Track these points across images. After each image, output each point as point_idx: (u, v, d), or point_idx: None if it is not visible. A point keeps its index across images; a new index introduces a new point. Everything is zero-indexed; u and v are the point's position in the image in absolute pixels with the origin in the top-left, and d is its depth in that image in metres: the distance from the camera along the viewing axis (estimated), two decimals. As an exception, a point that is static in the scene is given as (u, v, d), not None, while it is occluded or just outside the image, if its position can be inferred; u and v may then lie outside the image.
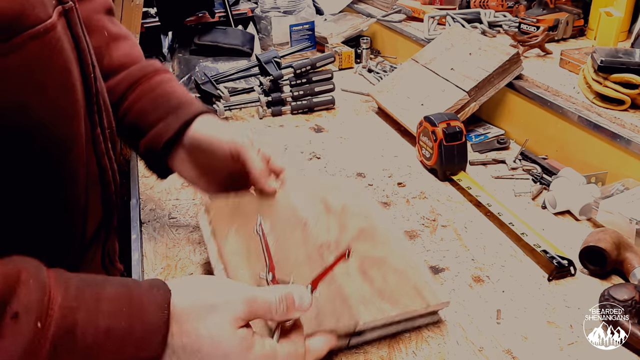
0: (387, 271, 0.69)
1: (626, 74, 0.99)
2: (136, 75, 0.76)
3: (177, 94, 0.76)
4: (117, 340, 0.42)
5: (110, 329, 0.42)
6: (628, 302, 0.66)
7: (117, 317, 0.43)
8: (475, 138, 1.22)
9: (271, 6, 1.91)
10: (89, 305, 0.42)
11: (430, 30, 1.55)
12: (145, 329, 0.44)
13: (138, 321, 0.44)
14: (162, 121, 0.73)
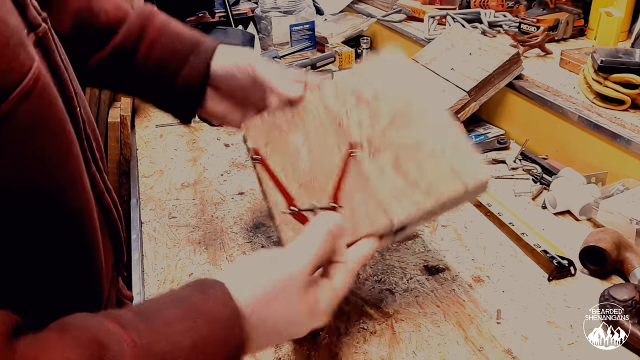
0: (422, 157, 0.63)
1: (626, 74, 0.99)
2: (138, 24, 0.73)
3: (185, 33, 0.75)
4: (205, 350, 0.42)
5: (195, 343, 0.42)
6: (628, 302, 0.67)
7: (194, 331, 0.42)
8: (475, 138, 1.22)
9: (271, 6, 1.91)
10: (163, 334, 0.41)
11: (430, 30, 1.55)
12: (223, 326, 0.43)
13: (214, 324, 0.43)
14: (186, 63, 0.72)
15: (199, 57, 0.72)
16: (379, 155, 0.64)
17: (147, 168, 1.12)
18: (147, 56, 0.72)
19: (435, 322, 0.70)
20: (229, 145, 1.21)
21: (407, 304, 0.73)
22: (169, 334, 0.41)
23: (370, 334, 0.69)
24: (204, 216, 0.94)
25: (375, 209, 0.60)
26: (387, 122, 0.67)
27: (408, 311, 0.72)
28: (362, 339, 0.68)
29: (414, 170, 0.62)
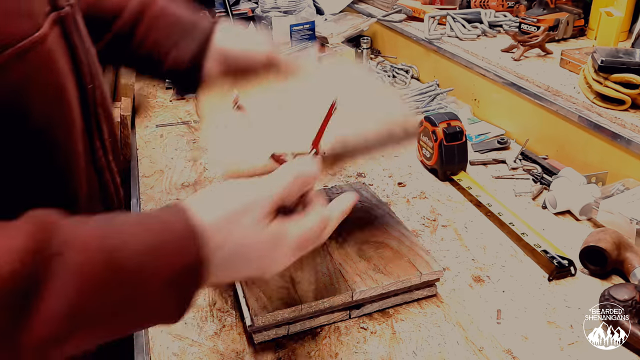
0: (383, 250, 0.76)
1: (626, 74, 0.99)
2: (138, 9, 0.75)
3: (185, 15, 0.76)
4: (157, 254, 0.42)
5: (147, 245, 0.42)
6: (628, 302, 0.67)
7: (147, 234, 0.42)
8: (475, 138, 1.22)
9: (271, 6, 1.91)
10: (118, 231, 0.42)
11: (430, 30, 1.55)
12: (176, 236, 0.43)
13: (167, 232, 0.43)
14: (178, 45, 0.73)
15: (190, 40, 0.74)
16: None
17: (147, 168, 1.12)
18: (142, 40, 0.74)
19: (435, 322, 0.70)
20: (229, 145, 1.21)
21: (407, 304, 0.73)
22: (124, 233, 0.42)
23: (371, 334, 0.69)
24: (204, 216, 0.94)
25: (339, 281, 0.70)
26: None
27: (408, 311, 0.72)
28: (362, 339, 0.68)
29: (375, 258, 0.74)
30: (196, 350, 0.67)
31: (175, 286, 0.43)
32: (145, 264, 0.41)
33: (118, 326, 0.43)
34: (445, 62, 1.48)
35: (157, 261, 0.42)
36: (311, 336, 0.68)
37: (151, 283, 0.42)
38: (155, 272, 0.42)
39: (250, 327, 0.66)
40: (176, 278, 0.43)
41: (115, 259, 0.40)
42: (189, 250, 0.43)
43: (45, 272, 0.38)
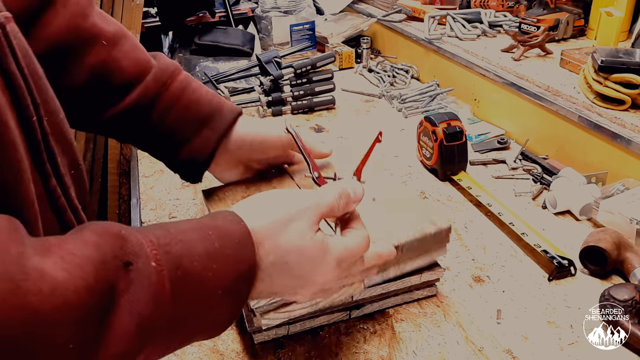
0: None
1: (626, 74, 0.99)
2: (157, 85, 0.71)
3: (203, 100, 0.73)
4: (218, 261, 0.42)
5: (209, 252, 0.42)
6: (628, 302, 0.67)
7: (207, 241, 0.42)
8: (475, 138, 1.22)
9: (271, 6, 1.91)
10: (179, 239, 0.42)
11: (430, 30, 1.55)
12: (235, 242, 0.44)
13: (225, 238, 0.44)
14: (197, 135, 0.71)
15: (214, 128, 0.72)
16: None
17: (147, 168, 1.12)
18: (161, 120, 0.71)
19: (435, 322, 0.70)
20: (229, 145, 1.21)
21: (407, 304, 0.73)
22: (185, 240, 0.42)
23: (370, 334, 0.69)
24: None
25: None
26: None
27: (408, 311, 0.72)
28: (362, 339, 0.68)
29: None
30: (196, 350, 0.67)
31: (232, 293, 0.43)
32: (208, 271, 0.41)
33: (177, 339, 0.42)
34: (445, 62, 1.48)
35: (218, 267, 0.42)
36: (311, 336, 0.68)
37: (213, 290, 0.42)
38: (216, 279, 0.42)
39: (250, 327, 0.66)
40: (234, 284, 0.43)
41: (182, 267, 0.40)
42: (247, 255, 0.44)
43: (118, 284, 0.36)
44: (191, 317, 0.41)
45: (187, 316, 0.41)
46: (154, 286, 0.38)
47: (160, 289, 0.38)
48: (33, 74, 0.47)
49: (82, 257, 0.35)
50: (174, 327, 0.40)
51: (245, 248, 0.44)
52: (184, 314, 0.40)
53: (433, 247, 0.70)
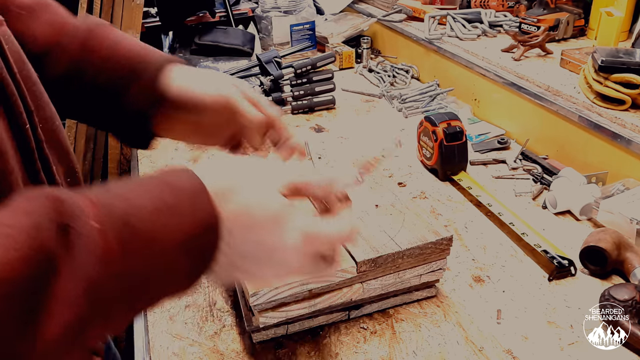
0: None
1: (627, 73, 0.99)
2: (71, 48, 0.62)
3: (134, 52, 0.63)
4: (170, 217, 0.39)
5: (159, 209, 0.39)
6: (628, 302, 0.66)
7: (157, 197, 0.39)
8: (475, 138, 1.22)
9: (272, 6, 1.91)
10: (124, 197, 0.39)
11: (431, 30, 1.55)
12: (188, 197, 0.40)
13: (178, 191, 0.40)
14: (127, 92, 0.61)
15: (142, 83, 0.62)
16: None
17: (147, 168, 1.12)
18: (81, 84, 0.62)
19: (435, 322, 0.70)
20: (230, 145, 1.21)
21: (407, 304, 0.73)
22: (130, 198, 0.39)
23: (371, 334, 0.69)
24: (204, 216, 0.94)
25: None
26: None
27: (408, 311, 0.72)
28: (362, 339, 0.68)
29: None
30: (196, 350, 0.67)
31: (190, 250, 0.40)
32: (160, 227, 0.38)
33: (138, 301, 0.39)
34: (445, 62, 1.48)
35: (170, 224, 0.39)
36: (311, 336, 0.68)
37: (168, 247, 0.38)
38: (170, 236, 0.38)
39: (249, 327, 0.66)
40: (191, 241, 0.39)
41: (129, 225, 0.37)
42: (203, 210, 0.40)
43: (57, 250, 0.33)
44: (148, 277, 0.38)
45: (142, 276, 0.38)
46: (100, 248, 0.35)
47: (107, 250, 0.35)
48: (26, 79, 0.46)
49: (13, 226, 0.33)
50: (131, 288, 0.37)
51: (201, 203, 0.40)
52: (139, 274, 0.38)
53: (434, 255, 0.70)
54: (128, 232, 0.37)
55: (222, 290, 0.77)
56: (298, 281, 0.62)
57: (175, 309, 0.74)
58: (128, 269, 0.37)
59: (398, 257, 0.67)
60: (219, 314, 0.73)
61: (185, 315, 0.73)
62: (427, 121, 1.06)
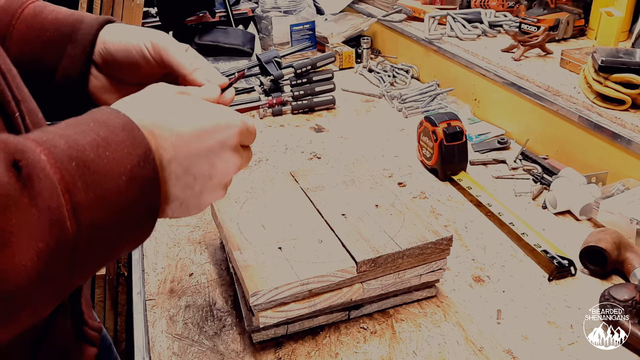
0: None
1: (627, 74, 0.99)
2: (2, 21, 0.60)
3: (61, 18, 0.61)
4: (110, 147, 0.39)
5: (96, 142, 0.39)
6: (628, 302, 0.66)
7: (90, 132, 0.39)
8: (475, 138, 1.22)
9: (272, 6, 1.91)
10: (60, 134, 0.38)
11: (431, 30, 1.55)
12: (120, 128, 0.41)
13: (109, 126, 0.40)
14: (62, 57, 0.59)
15: (76, 43, 0.59)
16: None
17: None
18: (22, 52, 0.60)
19: (435, 322, 0.70)
20: (230, 145, 1.21)
21: (407, 304, 0.73)
22: (66, 135, 0.38)
23: (371, 334, 0.69)
24: (204, 216, 0.94)
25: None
26: None
27: (408, 311, 0.72)
28: (362, 339, 0.68)
29: None
30: (196, 350, 0.67)
31: (137, 178, 0.40)
32: (103, 159, 0.38)
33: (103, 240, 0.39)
34: (445, 62, 1.48)
35: (111, 154, 0.39)
36: (311, 336, 0.68)
37: (116, 177, 0.39)
38: (115, 165, 0.39)
39: (249, 327, 0.66)
40: (136, 169, 0.40)
41: (74, 158, 0.37)
42: (138, 138, 0.41)
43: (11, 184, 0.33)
44: (106, 211, 0.38)
45: (101, 210, 0.38)
46: (55, 180, 0.35)
47: (61, 179, 0.35)
48: (8, 72, 0.46)
49: None
50: (93, 223, 0.37)
51: (133, 136, 0.41)
52: (97, 206, 0.37)
53: (434, 255, 0.70)
54: (75, 164, 0.37)
55: (222, 291, 0.77)
56: (298, 281, 0.62)
57: (176, 309, 0.74)
58: (87, 202, 0.37)
59: (398, 257, 0.67)
60: (219, 314, 0.73)
61: (186, 315, 0.73)
62: (427, 121, 1.06)
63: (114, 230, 0.39)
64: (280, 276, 0.63)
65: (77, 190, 0.36)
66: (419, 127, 1.10)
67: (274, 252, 0.67)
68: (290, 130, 1.31)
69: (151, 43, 0.58)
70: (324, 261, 0.65)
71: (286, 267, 0.64)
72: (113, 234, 0.40)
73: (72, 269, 0.37)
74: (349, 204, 0.77)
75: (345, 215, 0.74)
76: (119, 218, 0.39)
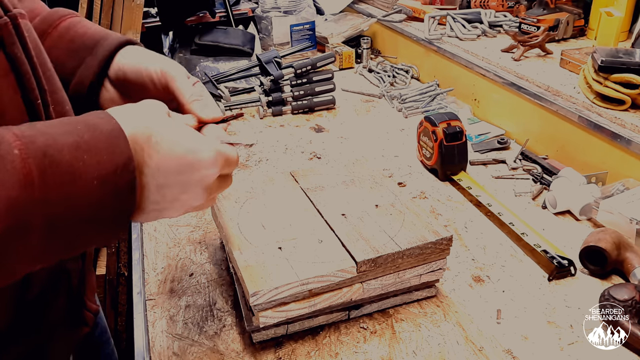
0: None
1: (626, 74, 0.99)
2: (41, 28, 0.66)
3: (89, 33, 0.67)
4: (89, 152, 0.42)
5: (78, 144, 0.42)
6: (628, 302, 0.67)
7: (75, 134, 0.42)
8: (475, 138, 1.22)
9: (272, 6, 1.91)
10: (44, 132, 0.41)
11: (430, 30, 1.55)
12: (106, 135, 0.43)
13: (96, 131, 0.43)
14: (81, 65, 0.65)
15: (95, 55, 0.65)
16: None
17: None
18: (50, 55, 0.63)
19: (435, 322, 0.70)
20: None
21: (407, 304, 0.73)
22: (50, 133, 0.41)
23: (370, 333, 0.69)
24: (204, 216, 0.94)
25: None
26: None
27: (408, 311, 0.72)
28: (362, 339, 0.68)
29: None
30: (196, 350, 0.67)
31: (110, 184, 0.42)
32: (79, 161, 0.41)
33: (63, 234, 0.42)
34: (445, 62, 1.48)
35: (89, 158, 0.41)
36: (311, 336, 0.68)
37: (87, 180, 0.41)
38: (89, 169, 0.41)
39: (249, 326, 0.66)
40: (111, 176, 0.42)
41: (49, 156, 0.40)
42: (121, 147, 0.43)
43: None
44: (71, 210, 0.41)
45: (65, 208, 0.40)
46: (20, 171, 0.38)
47: (27, 173, 0.38)
48: (42, 65, 0.51)
49: None
50: (55, 218, 0.40)
51: (117, 145, 0.44)
52: (61, 204, 0.40)
53: (434, 255, 0.70)
54: (48, 162, 0.40)
55: (222, 291, 0.77)
56: (298, 281, 0.63)
57: (176, 308, 0.74)
58: (49, 197, 0.39)
59: (398, 257, 0.67)
60: (219, 314, 0.73)
61: (186, 315, 0.73)
62: (427, 121, 1.06)
63: (77, 227, 0.42)
64: (280, 276, 0.63)
65: (42, 186, 0.39)
66: (419, 127, 1.10)
67: (274, 252, 0.67)
68: (290, 130, 1.31)
69: (161, 70, 0.62)
70: (324, 261, 0.65)
71: (286, 267, 0.64)
72: (76, 229, 0.42)
73: (27, 253, 0.40)
74: (349, 203, 0.77)
75: (345, 215, 0.74)
76: (84, 217, 0.42)
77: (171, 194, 0.48)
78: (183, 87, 0.61)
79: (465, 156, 1.05)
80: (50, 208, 0.40)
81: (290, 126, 1.33)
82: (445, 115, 1.05)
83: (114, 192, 0.43)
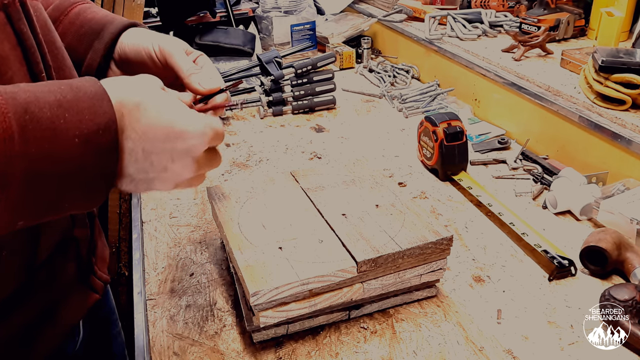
0: None
1: (627, 74, 0.99)
2: (54, 15, 0.68)
3: (97, 18, 0.69)
4: (71, 110, 0.43)
5: (60, 102, 0.42)
6: (628, 302, 0.67)
7: (58, 93, 0.43)
8: (476, 138, 1.22)
9: (272, 6, 1.91)
10: (27, 89, 0.42)
11: (431, 30, 1.55)
12: (90, 96, 0.44)
13: (80, 92, 0.44)
14: (90, 49, 0.67)
15: (101, 39, 0.67)
16: None
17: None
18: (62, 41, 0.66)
19: (435, 322, 0.70)
20: (230, 145, 1.22)
21: (407, 304, 0.73)
22: (33, 91, 0.42)
23: (371, 333, 0.69)
24: (205, 216, 0.94)
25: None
26: None
27: (408, 311, 0.72)
28: (363, 339, 0.68)
29: None
30: (197, 350, 0.67)
31: (91, 144, 0.43)
32: (60, 118, 0.42)
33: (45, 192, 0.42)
34: (445, 62, 1.48)
35: (70, 117, 0.42)
36: (312, 335, 0.68)
37: (68, 138, 0.42)
38: (70, 127, 0.42)
39: (249, 326, 0.66)
40: (92, 135, 0.43)
41: (30, 111, 0.40)
42: (103, 109, 0.44)
43: None
44: (50, 164, 0.41)
45: (44, 162, 0.41)
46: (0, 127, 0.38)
47: (7, 128, 0.39)
48: (50, 44, 0.54)
49: None
50: (36, 175, 0.41)
51: (100, 106, 0.44)
52: (41, 160, 0.41)
53: (434, 255, 0.70)
54: (28, 118, 0.41)
55: (222, 290, 0.77)
56: (298, 281, 0.63)
57: (176, 308, 0.74)
58: (28, 152, 0.40)
59: (398, 257, 0.67)
60: (219, 313, 0.73)
61: (186, 315, 0.73)
62: (428, 121, 1.06)
63: (58, 183, 0.43)
64: (281, 276, 0.63)
65: (22, 141, 0.40)
66: (420, 127, 1.10)
67: (274, 252, 0.67)
68: (291, 130, 1.31)
69: (159, 47, 0.63)
70: (324, 261, 0.65)
71: (286, 267, 0.64)
72: (56, 185, 0.43)
73: (7, 205, 0.41)
74: (349, 203, 0.77)
75: (346, 215, 0.74)
76: (65, 173, 0.43)
77: (159, 162, 0.49)
78: (181, 62, 0.62)
79: (465, 156, 1.05)
80: (30, 163, 0.40)
81: (290, 126, 1.33)
82: (445, 115, 1.05)
83: (96, 151, 0.44)
